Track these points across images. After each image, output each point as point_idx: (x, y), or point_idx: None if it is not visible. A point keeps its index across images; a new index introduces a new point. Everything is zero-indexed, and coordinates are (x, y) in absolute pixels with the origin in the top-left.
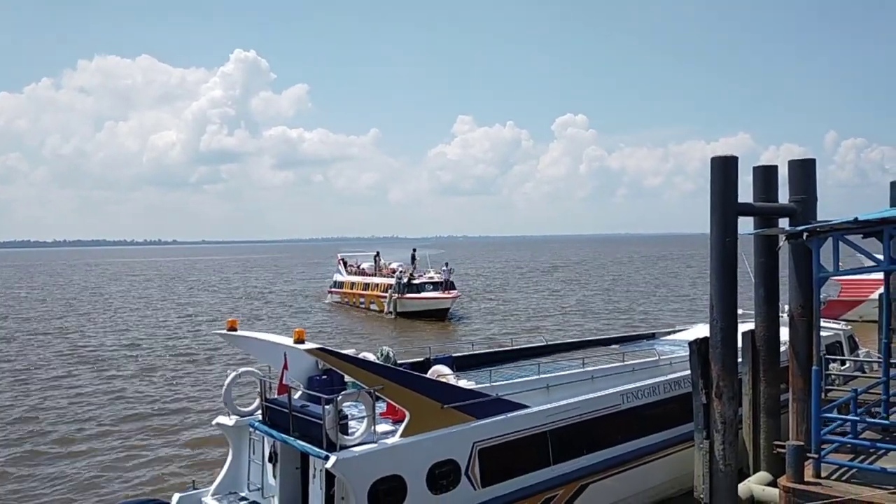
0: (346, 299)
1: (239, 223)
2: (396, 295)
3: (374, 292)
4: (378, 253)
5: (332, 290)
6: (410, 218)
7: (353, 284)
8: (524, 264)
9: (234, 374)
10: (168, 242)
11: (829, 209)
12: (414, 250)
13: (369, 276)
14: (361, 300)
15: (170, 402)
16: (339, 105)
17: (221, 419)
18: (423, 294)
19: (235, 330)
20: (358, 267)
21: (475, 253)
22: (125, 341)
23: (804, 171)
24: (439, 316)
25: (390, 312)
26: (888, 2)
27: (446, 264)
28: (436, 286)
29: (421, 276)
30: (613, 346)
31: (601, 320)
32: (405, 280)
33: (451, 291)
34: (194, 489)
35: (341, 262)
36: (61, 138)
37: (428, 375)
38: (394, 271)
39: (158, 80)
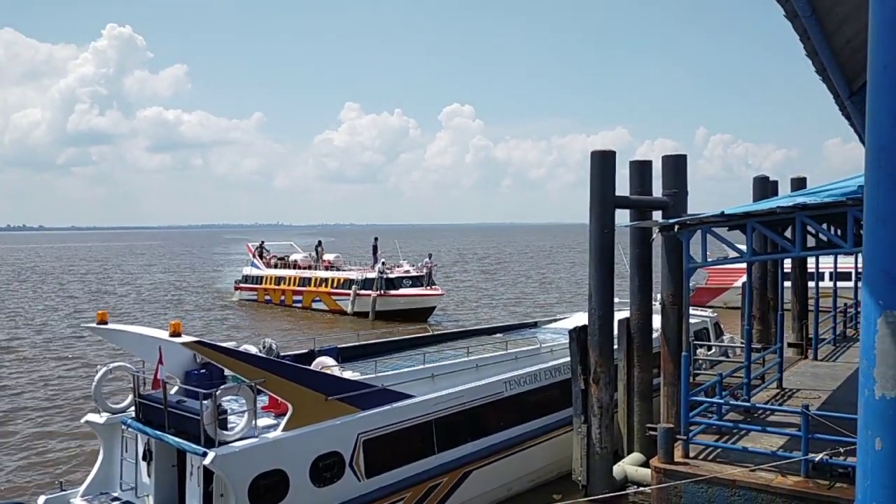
0: (266, 297)
1: (112, 208)
2: (378, 292)
3: (323, 289)
4: (320, 242)
5: (243, 285)
6: (296, 205)
7: (279, 279)
8: (425, 252)
9: (104, 369)
10: (34, 228)
11: (699, 201)
12: (375, 239)
13: (304, 268)
14: (297, 298)
15: (36, 400)
16: (220, 87)
17: (91, 417)
18: (403, 291)
19: (106, 323)
20: (281, 259)
21: (366, 242)
22: None
23: (676, 167)
24: (421, 316)
25: (368, 313)
26: (754, 4)
27: (430, 255)
28: (414, 281)
29: (392, 269)
30: (497, 335)
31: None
32: (384, 275)
33: (435, 287)
34: (62, 490)
35: (256, 253)
36: None
37: (312, 367)
38: (330, 264)
39: (23, 55)
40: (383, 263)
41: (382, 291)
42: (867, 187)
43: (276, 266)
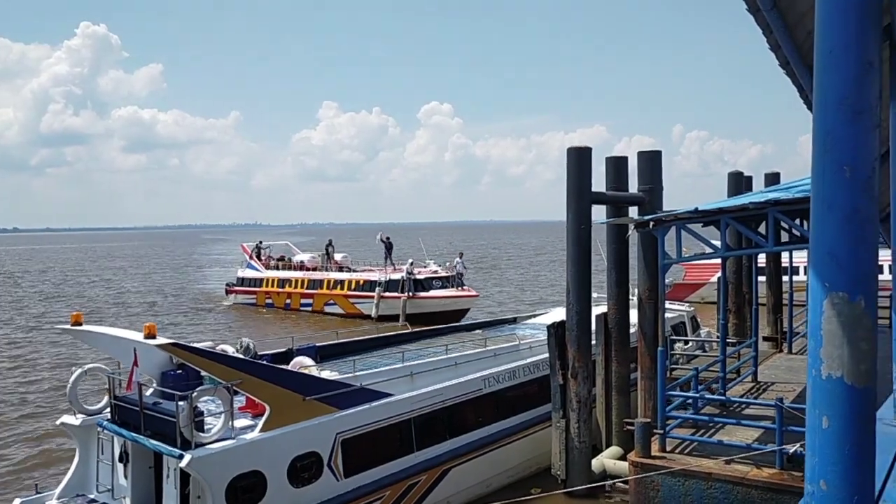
0: (268, 300)
1: (87, 209)
2: (407, 294)
3: (338, 291)
4: (331, 241)
5: (238, 288)
6: (274, 204)
7: (283, 282)
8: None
9: (79, 370)
10: (8, 230)
11: (675, 197)
12: (387, 238)
13: (311, 269)
14: (306, 301)
15: (9, 402)
16: (196, 86)
17: (67, 419)
18: (434, 293)
19: (81, 324)
20: (280, 259)
21: (348, 240)
22: None
23: (651, 163)
24: (453, 319)
25: (392, 316)
26: (725, 5)
27: (461, 255)
28: (444, 282)
29: (416, 269)
30: (476, 332)
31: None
32: (412, 276)
33: (467, 289)
34: (37, 493)
35: (253, 254)
36: None
37: (290, 367)
38: (341, 266)
39: None
40: (412, 264)
41: (412, 294)
42: (814, 172)
43: (275, 267)
